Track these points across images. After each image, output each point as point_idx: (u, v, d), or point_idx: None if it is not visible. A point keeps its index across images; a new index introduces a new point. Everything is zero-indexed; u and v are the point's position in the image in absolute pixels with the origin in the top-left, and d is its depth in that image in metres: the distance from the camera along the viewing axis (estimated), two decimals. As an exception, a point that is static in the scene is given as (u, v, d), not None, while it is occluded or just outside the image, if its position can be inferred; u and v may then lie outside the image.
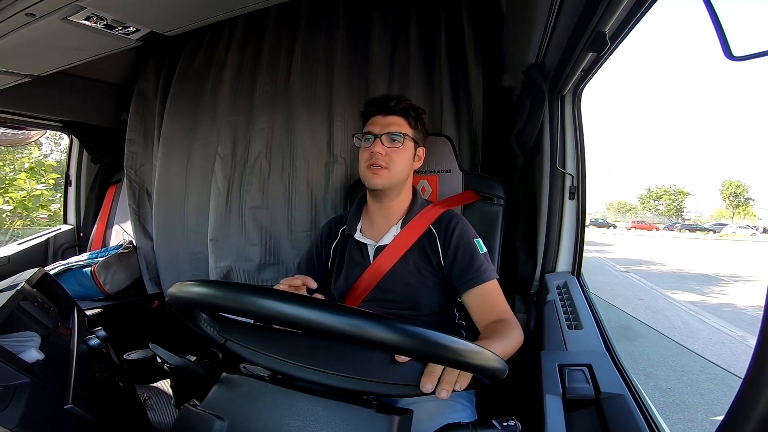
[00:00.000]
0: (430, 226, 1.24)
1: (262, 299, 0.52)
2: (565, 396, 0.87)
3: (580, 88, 1.49)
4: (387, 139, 1.21)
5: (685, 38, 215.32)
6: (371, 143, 1.22)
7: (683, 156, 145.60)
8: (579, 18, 1.11)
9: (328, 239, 1.38)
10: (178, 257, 2.05)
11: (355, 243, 1.30)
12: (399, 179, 1.24)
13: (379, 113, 1.25)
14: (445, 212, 1.27)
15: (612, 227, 49.94)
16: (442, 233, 1.22)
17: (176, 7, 1.12)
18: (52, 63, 1.42)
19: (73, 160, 2.71)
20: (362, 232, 1.31)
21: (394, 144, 1.22)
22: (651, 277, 10.85)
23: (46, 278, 1.13)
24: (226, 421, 0.64)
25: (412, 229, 1.24)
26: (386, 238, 1.25)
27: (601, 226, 49.98)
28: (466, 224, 1.24)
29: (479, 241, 1.21)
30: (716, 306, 7.92)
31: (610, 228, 48.64)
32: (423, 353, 0.52)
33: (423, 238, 1.23)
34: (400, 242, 1.23)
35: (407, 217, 1.26)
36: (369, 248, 1.27)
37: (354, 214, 1.35)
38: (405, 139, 1.23)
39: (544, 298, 1.40)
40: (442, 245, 1.21)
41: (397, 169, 1.22)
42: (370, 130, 1.24)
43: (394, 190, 1.26)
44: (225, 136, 1.95)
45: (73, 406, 0.69)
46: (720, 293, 9.42)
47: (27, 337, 0.80)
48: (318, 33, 1.92)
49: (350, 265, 1.29)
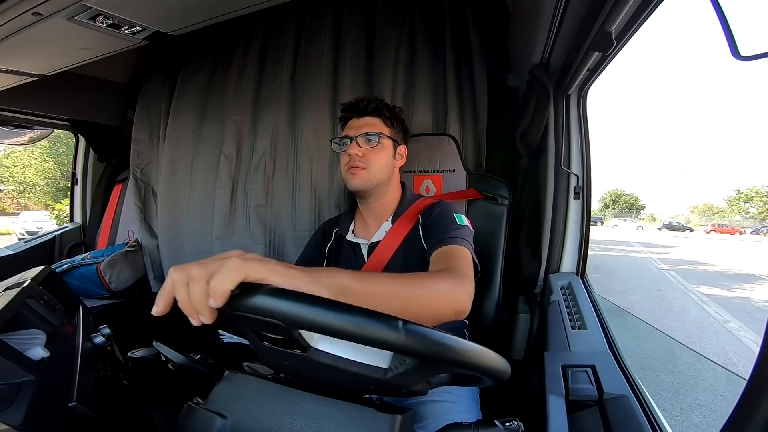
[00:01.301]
0: (419, 216, 1.25)
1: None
2: (568, 397, 0.86)
3: (585, 88, 1.48)
4: (363, 140, 1.23)
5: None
6: (348, 146, 1.24)
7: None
8: (584, 17, 1.11)
9: (323, 241, 1.39)
10: (183, 256, 2.06)
11: (348, 244, 1.31)
12: (379, 178, 1.25)
13: (354, 116, 1.28)
14: (437, 201, 1.27)
15: (688, 230, 47.09)
16: (425, 218, 1.22)
17: (181, 7, 1.13)
18: (58, 62, 1.43)
19: (80, 159, 2.72)
20: (354, 233, 1.32)
21: (370, 144, 1.23)
22: (690, 275, 11.17)
23: (53, 276, 1.13)
24: (229, 420, 0.64)
25: (402, 224, 1.25)
26: (378, 235, 1.26)
27: (674, 229, 47.33)
28: (451, 205, 1.24)
29: (461, 216, 1.18)
30: (729, 299, 8.26)
31: (685, 231, 46.10)
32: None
33: (411, 230, 1.24)
34: (392, 238, 1.24)
35: (397, 213, 1.28)
36: (362, 247, 1.28)
37: (346, 215, 1.37)
38: (380, 137, 1.24)
39: (548, 299, 1.40)
40: (423, 230, 1.21)
41: (375, 169, 1.23)
42: (346, 134, 1.26)
43: (378, 190, 1.27)
44: (230, 135, 1.96)
45: (77, 403, 0.69)
46: (746, 289, 9.70)
47: (33, 334, 0.80)
48: (323, 32, 1.92)
49: (345, 265, 1.29)
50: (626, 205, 74.64)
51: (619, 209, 72.91)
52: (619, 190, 76.57)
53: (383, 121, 1.27)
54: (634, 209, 74.23)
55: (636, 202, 75.78)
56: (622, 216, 65.63)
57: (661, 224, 52.64)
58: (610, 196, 76.14)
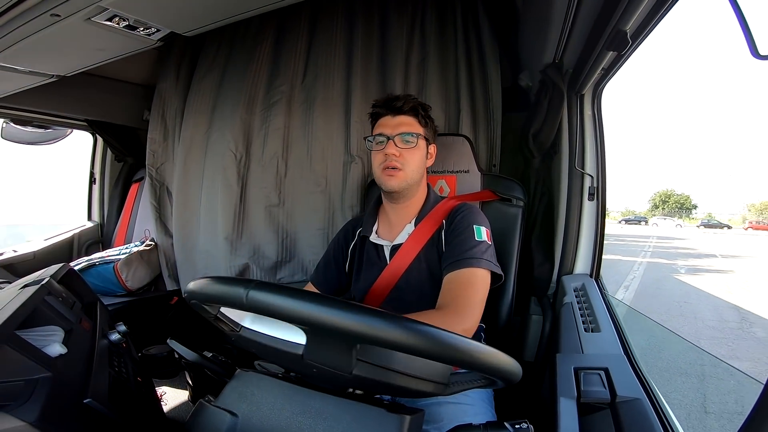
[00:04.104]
0: (443, 221, 1.23)
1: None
2: (580, 399, 0.85)
3: (600, 87, 1.46)
4: (400, 140, 1.20)
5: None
6: (384, 145, 1.21)
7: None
8: (598, 17, 1.09)
9: (345, 241, 1.38)
10: (194, 255, 2.08)
11: (372, 244, 1.29)
12: (414, 179, 1.23)
13: (388, 114, 1.24)
14: (460, 204, 1.26)
15: (726, 227, 48.31)
16: (448, 222, 1.21)
17: (195, 7, 1.14)
18: (76, 63, 1.45)
19: (97, 159, 2.77)
20: (378, 233, 1.30)
21: (407, 145, 1.21)
22: (694, 265, 12.91)
23: (71, 274, 1.15)
24: (239, 417, 0.65)
25: (425, 226, 1.23)
26: (401, 237, 1.25)
27: (712, 226, 48.56)
28: (473, 211, 1.22)
29: (480, 228, 1.16)
30: (708, 282, 9.58)
31: (723, 228, 47.23)
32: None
33: (435, 234, 1.22)
34: (415, 240, 1.22)
35: (421, 215, 1.26)
36: (385, 249, 1.27)
37: (370, 215, 1.35)
38: (418, 138, 1.22)
39: (561, 300, 1.38)
40: (445, 236, 1.19)
41: (411, 169, 1.21)
42: (381, 132, 1.23)
43: (410, 190, 1.25)
44: (240, 136, 1.97)
45: (91, 400, 0.70)
46: (727, 276, 11.11)
47: (51, 331, 0.81)
48: (334, 33, 1.92)
49: (368, 266, 1.29)
50: (676, 205, 75.01)
51: (669, 209, 73.12)
52: (669, 191, 77.13)
53: (418, 120, 1.24)
54: (685, 209, 74.46)
55: (687, 201, 76.23)
56: (670, 216, 65.74)
57: (699, 222, 54.38)
58: (660, 197, 76.80)
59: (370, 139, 1.26)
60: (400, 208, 1.28)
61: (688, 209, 75.40)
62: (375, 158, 1.25)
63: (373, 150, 1.25)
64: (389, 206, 1.31)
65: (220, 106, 2.00)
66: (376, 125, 1.27)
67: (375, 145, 1.24)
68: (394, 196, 1.26)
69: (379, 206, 1.36)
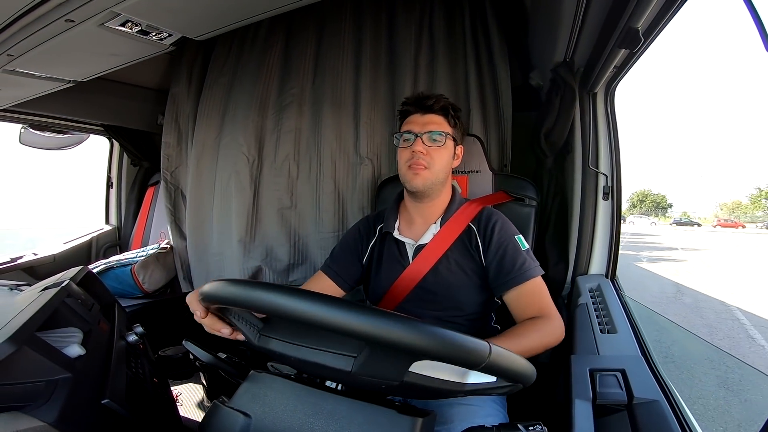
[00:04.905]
0: (469, 224, 1.22)
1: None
2: (596, 401, 0.84)
3: (613, 86, 1.44)
4: (428, 139, 1.19)
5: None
6: (411, 142, 1.20)
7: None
8: (608, 14, 1.08)
9: (366, 235, 1.36)
10: (207, 258, 2.10)
11: (394, 241, 1.28)
12: (439, 179, 1.22)
13: (417, 111, 1.23)
14: (484, 209, 1.25)
15: (696, 225, 53.52)
16: (482, 231, 1.20)
17: (206, 12, 1.15)
18: (91, 68, 1.48)
19: (114, 163, 2.83)
20: (400, 231, 1.29)
21: (435, 143, 1.20)
22: (656, 256, 15.59)
23: (90, 276, 1.17)
24: (252, 418, 0.65)
25: (451, 228, 1.22)
26: (426, 237, 1.24)
27: (683, 224, 53.82)
28: (506, 221, 1.22)
29: (520, 237, 1.18)
30: (662, 268, 12.01)
31: (693, 226, 51.85)
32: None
33: (463, 236, 1.21)
34: (440, 241, 1.21)
35: (446, 216, 1.25)
36: (408, 247, 1.25)
37: (391, 211, 1.34)
38: (446, 137, 1.21)
39: (576, 301, 1.36)
40: (482, 244, 1.18)
41: (437, 169, 1.20)
42: (409, 129, 1.22)
43: (435, 190, 1.24)
44: (252, 138, 1.98)
45: (109, 401, 0.71)
46: (679, 264, 13.41)
47: (70, 332, 0.83)
48: (342, 35, 1.93)
49: (389, 263, 1.28)
50: (653, 204, 77.89)
51: (646, 208, 75.90)
52: (646, 190, 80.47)
53: (447, 120, 1.23)
54: (660, 208, 77.67)
55: (663, 201, 79.51)
56: (647, 215, 69.37)
57: (672, 220, 60.24)
58: (638, 196, 79.71)
59: (397, 136, 1.26)
60: (424, 207, 1.27)
61: (663, 208, 78.35)
62: (401, 155, 1.24)
63: (400, 147, 1.25)
64: (412, 205, 1.29)
65: (232, 110, 2.02)
66: (404, 122, 1.26)
67: (402, 142, 1.24)
68: (417, 195, 1.25)
69: (401, 203, 1.35)
